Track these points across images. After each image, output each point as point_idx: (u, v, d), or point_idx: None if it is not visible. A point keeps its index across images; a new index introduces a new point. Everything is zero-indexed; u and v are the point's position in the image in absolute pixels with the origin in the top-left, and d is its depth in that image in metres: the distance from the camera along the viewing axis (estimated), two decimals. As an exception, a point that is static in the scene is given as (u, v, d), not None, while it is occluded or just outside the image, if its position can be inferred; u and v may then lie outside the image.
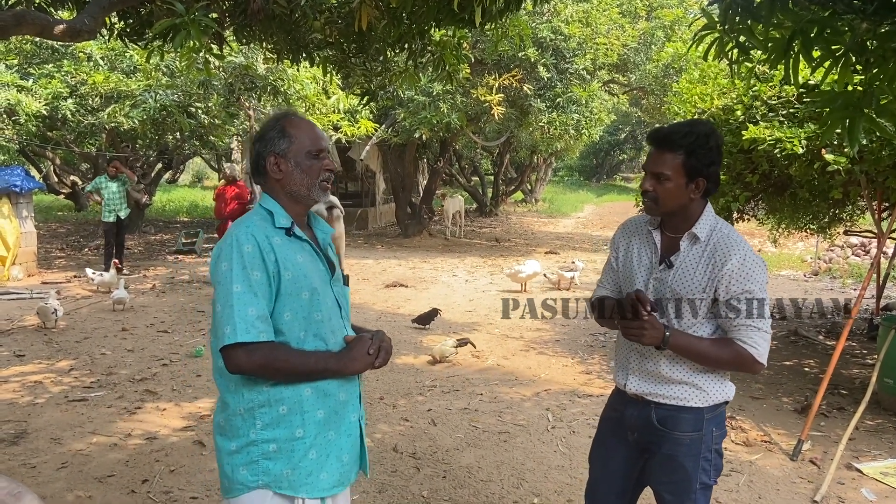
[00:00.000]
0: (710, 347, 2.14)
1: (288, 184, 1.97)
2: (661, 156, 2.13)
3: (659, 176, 2.13)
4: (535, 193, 30.02)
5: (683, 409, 2.20)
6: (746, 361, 2.11)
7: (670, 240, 2.22)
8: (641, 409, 2.26)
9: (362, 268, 12.10)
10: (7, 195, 10.39)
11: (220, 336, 1.81)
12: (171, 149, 15.47)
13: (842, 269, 11.93)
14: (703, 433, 2.21)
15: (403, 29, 4.21)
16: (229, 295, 1.81)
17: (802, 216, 7.11)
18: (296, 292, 1.88)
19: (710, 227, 2.17)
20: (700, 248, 2.16)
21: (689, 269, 2.16)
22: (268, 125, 2.02)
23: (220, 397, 1.96)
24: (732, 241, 2.13)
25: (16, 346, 6.69)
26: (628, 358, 2.31)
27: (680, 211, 2.17)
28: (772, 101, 5.01)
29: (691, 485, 2.22)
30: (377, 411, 5.04)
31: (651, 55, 14.98)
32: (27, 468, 4.01)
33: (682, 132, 2.11)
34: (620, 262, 2.35)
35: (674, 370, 2.20)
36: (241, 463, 1.88)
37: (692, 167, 2.11)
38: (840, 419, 4.96)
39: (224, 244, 1.88)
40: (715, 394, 2.21)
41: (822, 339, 7.42)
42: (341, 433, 1.97)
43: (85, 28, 3.51)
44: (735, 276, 2.09)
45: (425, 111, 12.50)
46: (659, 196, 2.14)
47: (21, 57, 11.52)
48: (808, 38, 2.39)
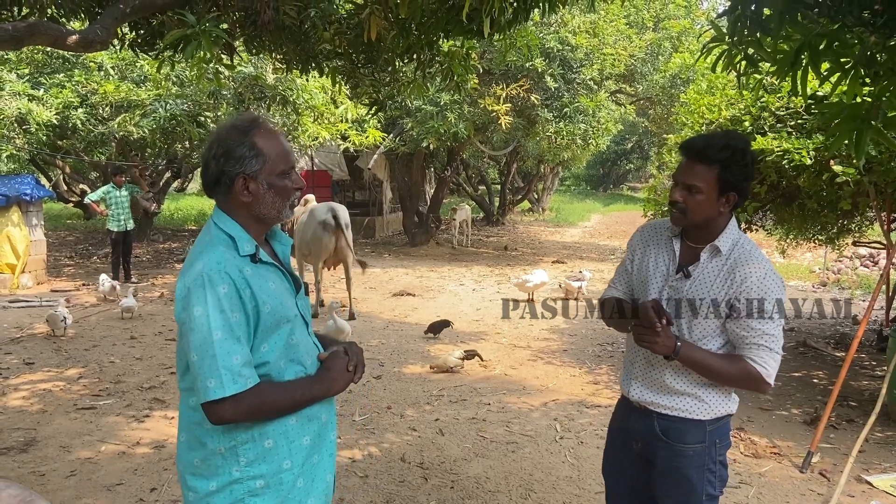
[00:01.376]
0: (720, 362, 2.13)
1: (258, 207, 1.79)
2: (694, 167, 2.11)
3: (691, 188, 2.10)
4: (542, 203, 30.01)
5: (686, 421, 2.19)
6: (754, 380, 2.10)
7: (690, 249, 2.20)
8: (644, 418, 2.26)
9: (369, 276, 12.11)
10: (17, 203, 10.47)
11: (203, 390, 1.65)
12: (180, 158, 15.54)
13: (850, 280, 11.87)
14: (707, 445, 2.20)
15: (412, 39, 4.24)
16: (209, 344, 1.64)
17: (811, 227, 7.09)
18: (275, 323, 1.76)
19: (732, 241, 2.15)
20: (721, 262, 2.14)
21: (706, 281, 2.14)
22: (233, 138, 1.77)
23: (188, 433, 1.81)
24: (754, 258, 2.11)
25: (25, 354, 6.73)
26: (633, 363, 2.30)
27: (705, 224, 2.15)
28: (780, 113, 5.01)
29: (697, 497, 2.21)
30: (385, 421, 5.03)
31: (658, 66, 15.00)
32: (36, 476, 4.03)
33: (718, 146, 2.08)
34: (636, 265, 2.32)
35: (678, 381, 2.19)
36: (222, 503, 1.76)
37: (726, 181, 2.08)
38: (850, 431, 4.93)
39: (192, 284, 1.68)
40: (718, 407, 2.20)
41: (830, 350, 7.37)
42: (324, 454, 1.91)
43: (97, 39, 3.55)
44: (753, 292, 2.07)
45: (433, 121, 12.54)
46: (689, 207, 2.12)
47: (32, 66, 11.61)
48: (817, 50, 2.41)
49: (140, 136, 11.20)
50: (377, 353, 6.94)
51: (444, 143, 13.58)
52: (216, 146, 1.79)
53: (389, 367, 6.48)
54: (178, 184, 22.22)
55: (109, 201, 10.82)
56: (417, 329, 7.89)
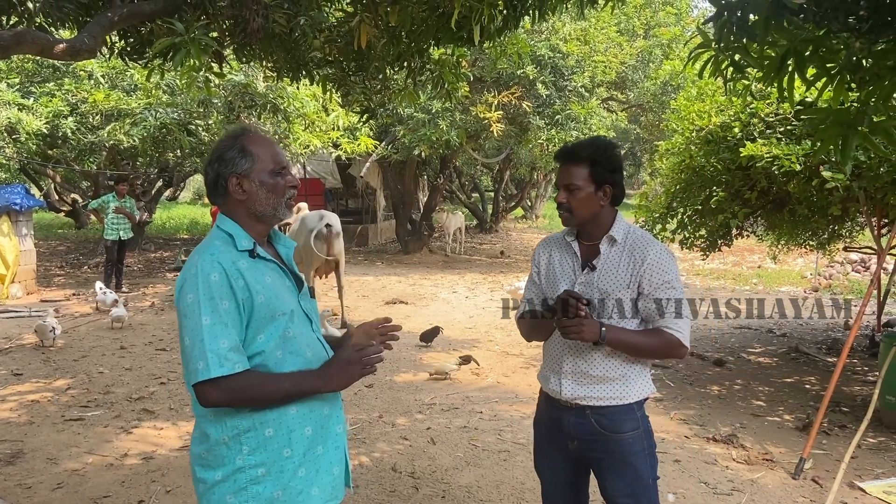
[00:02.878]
0: (643, 337, 2.32)
1: (253, 204, 1.91)
2: (569, 170, 2.34)
3: (570, 187, 2.32)
4: (536, 210, 30.06)
5: (618, 409, 2.34)
6: (674, 346, 2.30)
7: (588, 247, 2.40)
8: (578, 415, 2.37)
9: (362, 285, 12.08)
10: (7, 213, 10.40)
11: (193, 372, 1.75)
12: (171, 166, 15.50)
13: (842, 285, 11.92)
14: (642, 430, 2.37)
15: (402, 47, 4.24)
16: (199, 328, 1.74)
17: (802, 232, 7.11)
18: (270, 315, 1.83)
19: (624, 230, 2.37)
20: (619, 249, 2.34)
21: (611, 269, 2.33)
22: (224, 144, 1.93)
23: (198, 429, 1.90)
24: (647, 240, 2.34)
25: (14, 365, 6.67)
26: (561, 360, 2.40)
27: (593, 218, 2.35)
28: (769, 119, 5.03)
29: (645, 482, 2.35)
30: (376, 430, 5.00)
31: (649, 73, 15.06)
32: (23, 488, 3.98)
33: (584, 146, 2.35)
34: (543, 275, 2.48)
35: (607, 367, 2.33)
36: (228, 492, 1.83)
37: (598, 175, 2.31)
38: (842, 437, 4.92)
39: (188, 274, 1.80)
40: (642, 387, 2.37)
41: (822, 355, 7.38)
42: (328, 446, 1.96)
43: (85, 47, 3.53)
44: (655, 269, 2.28)
45: (425, 128, 12.54)
46: (573, 206, 2.33)
47: (22, 75, 11.56)
48: (803, 56, 2.41)
49: (131, 144, 11.16)
50: (369, 362, 6.90)
51: (437, 150, 13.60)
52: (212, 154, 1.94)
53: (381, 376, 6.45)
54: (170, 193, 22.16)
55: (107, 211, 10.83)
56: (410, 337, 7.86)
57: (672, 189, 6.00)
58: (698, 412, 5.51)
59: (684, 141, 5.77)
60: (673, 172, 5.96)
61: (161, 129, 10.84)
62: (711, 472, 4.32)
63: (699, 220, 6.03)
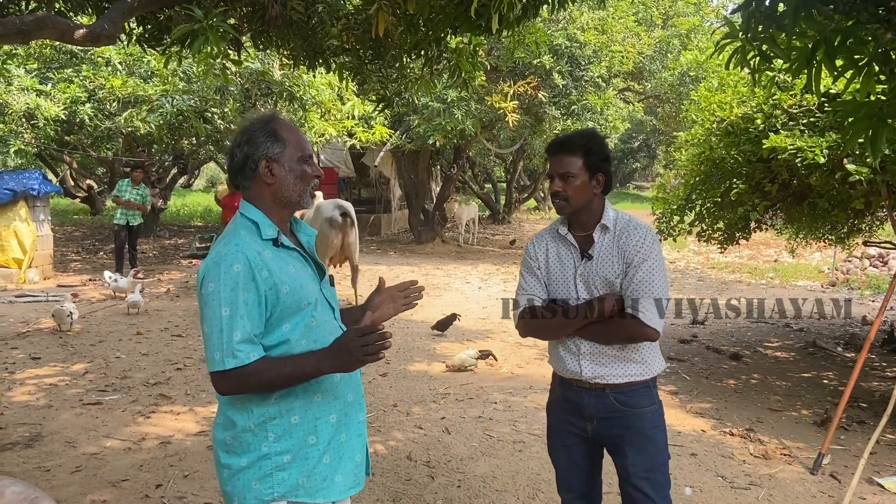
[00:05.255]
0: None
1: (280, 189, 1.91)
2: (563, 159, 2.41)
3: (565, 176, 2.40)
4: (549, 201, 29.91)
5: (637, 385, 2.42)
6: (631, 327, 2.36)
7: (582, 237, 2.48)
8: (598, 396, 2.43)
9: (375, 274, 12.08)
10: (24, 198, 10.49)
11: (210, 361, 1.78)
12: (186, 154, 15.55)
13: (860, 280, 11.79)
14: (657, 406, 2.47)
15: (420, 35, 4.21)
16: (217, 319, 1.76)
17: (821, 226, 7.03)
18: (295, 305, 1.84)
19: (614, 217, 2.46)
20: (611, 236, 2.43)
21: (606, 255, 2.42)
22: (254, 127, 1.91)
23: (222, 415, 1.90)
24: (633, 223, 2.44)
25: (31, 349, 6.74)
26: (579, 342, 2.44)
27: (586, 207, 2.44)
28: (792, 110, 4.96)
29: (662, 455, 2.45)
30: (391, 419, 5.01)
31: (667, 63, 14.92)
32: (42, 471, 4.02)
33: (577, 136, 2.45)
34: (542, 268, 2.53)
35: (624, 347, 2.40)
36: (253, 478, 1.84)
37: (592, 164, 2.40)
38: (861, 433, 4.88)
39: (210, 263, 1.81)
40: (655, 365, 2.47)
41: (840, 350, 7.32)
42: (352, 434, 1.97)
43: (105, 33, 3.53)
44: (637, 249, 2.36)
45: (440, 118, 12.50)
46: (569, 195, 2.41)
47: (40, 61, 11.61)
48: (832, 47, 2.37)
49: (147, 131, 11.19)
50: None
51: (451, 140, 13.55)
52: (241, 136, 1.92)
53: (395, 365, 6.46)
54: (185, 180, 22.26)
55: (122, 196, 10.91)
56: (423, 327, 7.87)
57: (691, 181, 5.94)
58: (714, 406, 5.47)
59: (704, 132, 5.71)
60: (692, 164, 5.90)
61: (177, 116, 10.86)
62: (728, 466, 4.29)
63: (718, 213, 5.97)
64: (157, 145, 13.75)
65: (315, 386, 1.88)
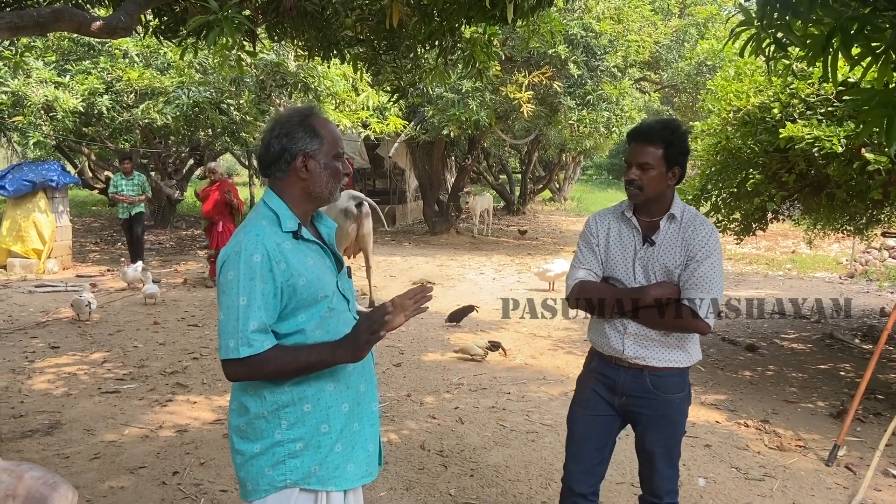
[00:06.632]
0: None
1: (313, 185, 1.92)
2: (644, 149, 2.42)
3: (644, 166, 2.42)
4: (564, 192, 29.78)
5: (674, 372, 2.50)
6: (687, 316, 2.42)
7: (647, 223, 2.50)
8: (635, 375, 2.50)
9: (389, 265, 12.13)
10: (43, 190, 10.62)
11: (223, 348, 1.80)
12: (202, 145, 15.64)
13: (878, 271, 11.66)
14: (686, 392, 2.56)
15: (434, 26, 4.20)
16: (235, 307, 1.78)
17: (839, 217, 6.95)
18: (312, 297, 1.86)
19: (681, 209, 2.50)
20: (676, 226, 2.47)
21: (669, 245, 2.45)
22: (292, 121, 1.91)
23: (237, 401, 1.93)
24: (701, 219, 2.49)
25: (51, 338, 6.83)
26: (626, 321, 2.48)
27: (658, 197, 2.47)
28: (810, 99, 4.90)
29: (679, 436, 2.58)
30: (404, 408, 5.04)
31: (684, 53, 14.77)
32: (61, 458, 4.09)
33: (661, 127, 2.44)
34: (602, 246, 2.56)
35: (670, 334, 2.46)
36: (266, 464, 1.87)
37: (671, 157, 2.42)
38: (877, 424, 4.84)
39: (231, 251, 1.83)
40: (695, 354, 2.54)
41: (857, 342, 7.25)
42: (364, 423, 1.99)
43: (121, 25, 3.56)
44: (701, 244, 2.41)
45: (454, 108, 12.47)
46: (644, 184, 2.43)
47: (58, 54, 11.72)
48: (848, 34, 2.34)
49: (163, 123, 11.27)
50: (397, 341, 6.94)
51: (466, 131, 13.51)
52: (278, 127, 1.91)
53: (409, 355, 6.49)
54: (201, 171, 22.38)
55: (119, 190, 10.80)
56: (437, 318, 7.89)
57: (707, 171, 5.89)
58: (730, 397, 5.45)
59: (721, 122, 5.66)
60: (708, 154, 5.85)
61: (193, 107, 10.93)
62: (743, 457, 4.28)
63: (734, 203, 5.92)
64: (173, 137, 13.85)
65: (327, 375, 1.90)
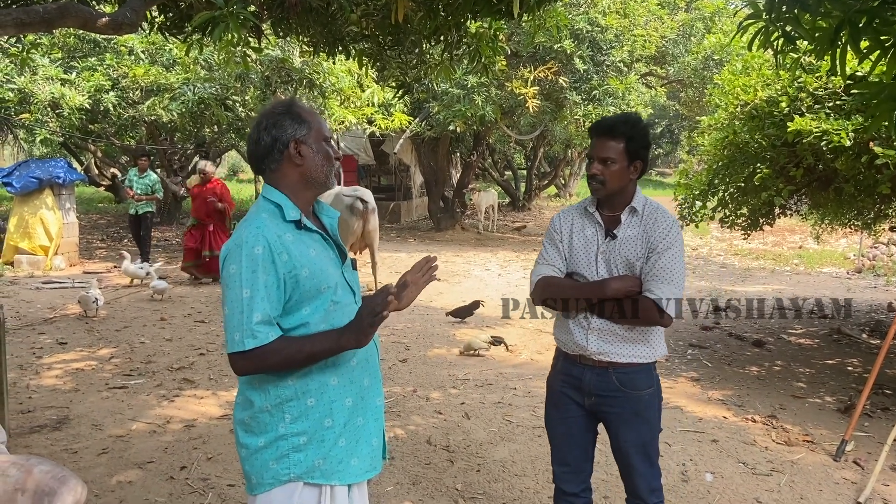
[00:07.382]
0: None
1: (309, 170, 1.93)
2: (605, 143, 2.45)
3: (605, 160, 2.45)
4: (569, 188, 29.67)
5: (639, 368, 2.49)
6: (648, 309, 2.41)
7: (609, 217, 2.53)
8: (600, 373, 2.51)
9: (395, 261, 12.13)
10: (50, 186, 10.66)
11: (229, 342, 1.81)
12: (208, 142, 15.66)
13: (886, 266, 11.60)
14: (655, 388, 2.54)
15: (440, 21, 4.19)
16: (238, 301, 1.78)
17: (847, 212, 6.92)
18: (315, 289, 1.86)
19: (643, 202, 2.52)
20: (638, 219, 2.49)
21: (630, 237, 2.47)
22: (277, 112, 1.93)
23: (242, 395, 1.94)
24: (662, 211, 2.51)
25: (58, 334, 6.86)
26: (590, 318, 2.49)
27: (620, 191, 2.49)
28: (818, 93, 4.87)
29: (654, 433, 2.55)
30: (410, 403, 5.04)
31: (690, 47, 14.70)
32: (69, 453, 4.11)
33: (622, 122, 2.46)
34: (565, 242, 2.59)
35: (633, 329, 2.45)
36: (270, 458, 1.87)
37: (632, 151, 2.45)
38: (885, 420, 4.82)
39: (232, 245, 1.84)
40: (659, 348, 2.53)
41: (865, 337, 7.22)
42: (368, 418, 1.99)
43: (127, 21, 3.56)
44: (662, 235, 2.42)
45: (459, 104, 12.45)
46: (606, 178, 2.46)
47: (64, 51, 11.75)
48: (857, 28, 2.32)
49: (169, 119, 11.28)
50: (402, 337, 6.95)
51: (471, 127, 13.50)
52: (265, 120, 1.93)
53: (415, 351, 6.49)
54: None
55: (130, 185, 10.85)
56: (443, 313, 7.89)
57: (714, 166, 5.87)
58: (737, 393, 5.43)
59: (728, 116, 5.63)
60: (715, 148, 5.82)
61: (199, 104, 10.93)
62: (750, 452, 4.27)
63: (741, 198, 5.90)
64: (179, 133, 13.87)
65: (331, 369, 1.90)
